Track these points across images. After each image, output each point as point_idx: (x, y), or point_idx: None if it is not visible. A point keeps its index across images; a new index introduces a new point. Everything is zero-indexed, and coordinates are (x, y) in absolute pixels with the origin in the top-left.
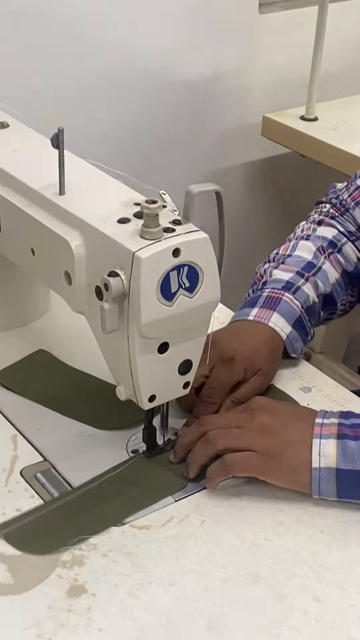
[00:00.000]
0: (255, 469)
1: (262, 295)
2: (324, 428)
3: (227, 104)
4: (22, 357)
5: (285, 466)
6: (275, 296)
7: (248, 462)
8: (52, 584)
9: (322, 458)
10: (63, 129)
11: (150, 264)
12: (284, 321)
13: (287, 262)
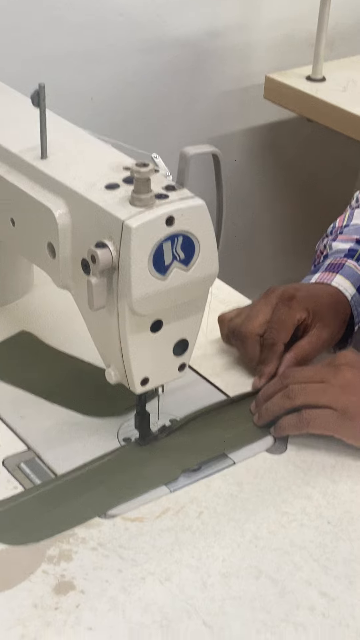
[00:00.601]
0: (333, 428)
1: (323, 264)
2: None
3: (227, 63)
4: (3, 340)
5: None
6: (338, 263)
7: (326, 420)
8: (37, 580)
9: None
10: (44, 85)
11: (141, 234)
12: (349, 283)
13: (345, 231)
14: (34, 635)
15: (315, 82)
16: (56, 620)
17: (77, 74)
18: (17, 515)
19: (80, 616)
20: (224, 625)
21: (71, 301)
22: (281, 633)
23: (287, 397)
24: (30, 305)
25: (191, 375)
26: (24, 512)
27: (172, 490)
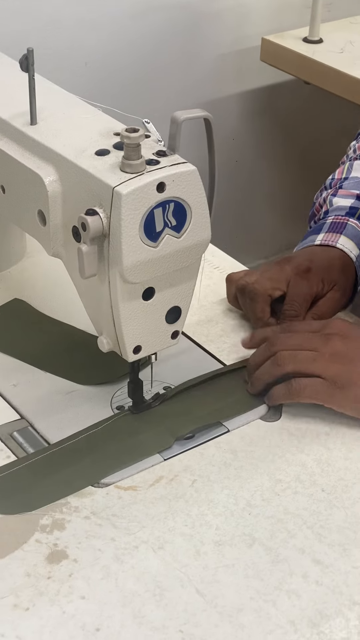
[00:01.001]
0: (322, 397)
1: (326, 222)
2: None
3: (222, 25)
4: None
5: (355, 396)
6: (340, 222)
7: (315, 389)
8: (30, 549)
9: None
10: (32, 50)
11: (132, 200)
12: (353, 244)
13: (345, 185)
14: (27, 605)
15: (312, 44)
16: (49, 589)
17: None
18: (10, 484)
19: (73, 585)
20: (217, 594)
21: (64, 269)
22: (274, 601)
23: (277, 364)
24: (24, 273)
25: (185, 342)
26: (17, 482)
27: (166, 458)
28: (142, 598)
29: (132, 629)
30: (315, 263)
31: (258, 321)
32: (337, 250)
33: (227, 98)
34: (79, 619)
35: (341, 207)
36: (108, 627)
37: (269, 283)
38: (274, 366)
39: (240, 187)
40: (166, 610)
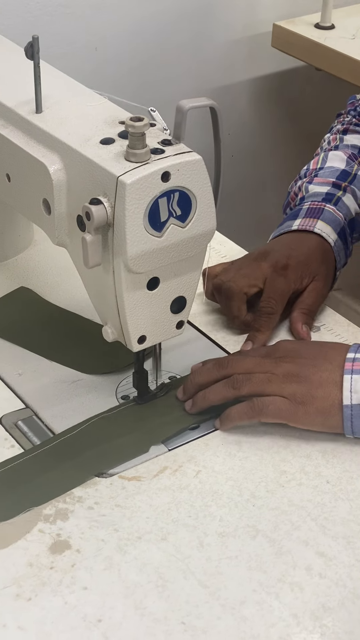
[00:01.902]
0: (285, 414)
1: (302, 207)
2: (356, 363)
3: (233, 10)
4: (2, 296)
5: (316, 409)
6: (317, 207)
7: (278, 407)
8: (33, 539)
9: (354, 394)
10: (38, 37)
11: (137, 190)
12: (330, 229)
13: (320, 174)
14: (29, 595)
15: (324, 30)
16: (51, 579)
17: (81, 24)
18: (15, 477)
19: (76, 575)
20: (220, 586)
21: (70, 258)
22: (277, 593)
23: (232, 386)
24: (30, 261)
25: (191, 331)
26: (22, 475)
27: (170, 448)
28: (145, 589)
29: (134, 620)
30: (293, 258)
31: (235, 319)
32: (314, 236)
33: (237, 84)
34: (81, 610)
35: (317, 194)
36: (110, 618)
37: (244, 281)
38: (228, 389)
39: (250, 175)
40: (168, 602)
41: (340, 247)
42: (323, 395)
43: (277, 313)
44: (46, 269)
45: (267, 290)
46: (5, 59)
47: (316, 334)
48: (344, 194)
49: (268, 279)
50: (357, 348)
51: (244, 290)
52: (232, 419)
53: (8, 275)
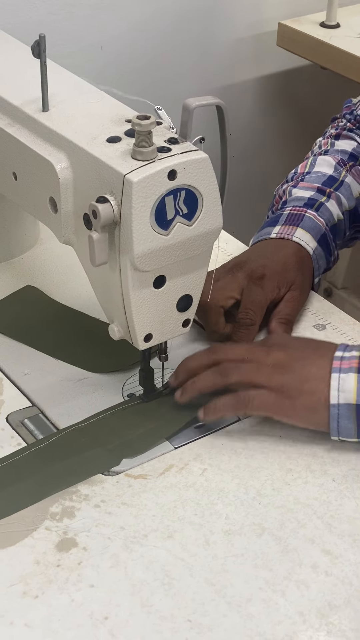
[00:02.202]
0: (271, 408)
1: (283, 213)
2: (344, 362)
3: (238, 9)
4: (8, 294)
5: (302, 404)
6: (298, 213)
7: (264, 400)
8: (39, 537)
9: (342, 394)
10: (44, 36)
11: (143, 188)
12: (310, 236)
13: (307, 179)
14: (36, 592)
15: (330, 29)
16: (58, 577)
17: (87, 22)
18: (21, 471)
19: (82, 573)
20: (226, 583)
21: (76, 256)
22: (283, 591)
23: (220, 374)
24: (36, 260)
25: (197, 330)
26: (28, 469)
27: (176, 447)
28: (151, 587)
29: (140, 617)
30: (269, 268)
31: (213, 333)
32: (292, 244)
33: (242, 83)
34: (88, 607)
35: (300, 198)
36: (116, 616)
37: (220, 293)
38: (217, 376)
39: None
40: (174, 600)
41: (321, 254)
42: (310, 390)
43: (256, 324)
44: (52, 267)
45: (245, 302)
46: (12, 57)
47: (322, 332)
48: (328, 199)
49: (245, 290)
50: (345, 347)
51: (220, 304)
52: (217, 411)
53: (14, 274)
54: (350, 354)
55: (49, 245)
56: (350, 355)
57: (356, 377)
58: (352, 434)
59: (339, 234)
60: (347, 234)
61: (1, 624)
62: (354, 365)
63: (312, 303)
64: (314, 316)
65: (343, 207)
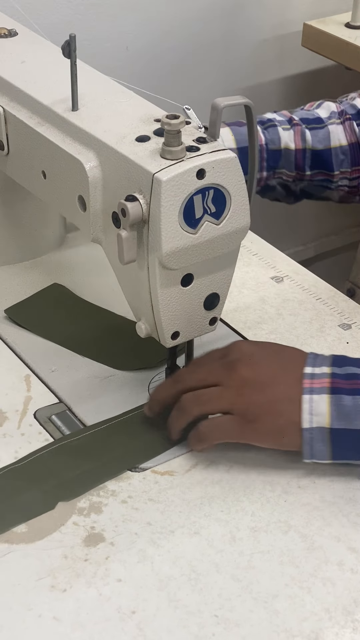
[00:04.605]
0: (233, 435)
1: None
2: (315, 380)
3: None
4: (36, 292)
5: (268, 429)
6: (240, 122)
7: (224, 429)
8: (67, 532)
9: (314, 417)
10: (75, 36)
11: (172, 187)
12: (232, 137)
13: (294, 111)
14: (64, 586)
15: (355, 29)
16: (86, 571)
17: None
18: (49, 468)
19: (110, 568)
20: (252, 580)
21: (104, 254)
22: (309, 588)
23: (182, 410)
24: (63, 258)
25: (223, 328)
26: (56, 465)
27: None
28: (178, 582)
29: (167, 612)
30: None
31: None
32: None
33: (267, 83)
34: (115, 602)
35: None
36: (144, 610)
37: None
38: (181, 413)
39: None
40: (201, 595)
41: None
42: (278, 411)
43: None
44: (79, 265)
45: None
46: (41, 57)
47: (347, 332)
48: (288, 128)
49: None
50: (314, 359)
51: None
52: (193, 447)
53: (41, 272)
54: (321, 370)
55: (76, 243)
56: (321, 372)
57: (328, 399)
58: (326, 457)
59: (286, 164)
60: (306, 174)
61: (30, 617)
62: (325, 385)
63: (337, 303)
64: (340, 315)
65: (305, 144)
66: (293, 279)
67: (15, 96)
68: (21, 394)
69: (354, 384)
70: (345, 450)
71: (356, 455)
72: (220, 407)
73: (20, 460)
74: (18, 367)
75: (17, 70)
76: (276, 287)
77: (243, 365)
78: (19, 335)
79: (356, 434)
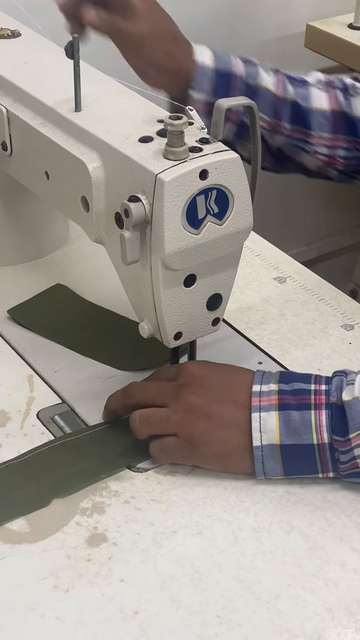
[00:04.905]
0: (179, 457)
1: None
2: (263, 398)
3: (266, 11)
4: (38, 292)
5: (213, 453)
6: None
7: (170, 452)
8: (70, 532)
9: (264, 435)
10: (78, 37)
11: (175, 188)
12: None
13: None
14: (67, 586)
15: (358, 30)
16: (88, 571)
17: None
18: (48, 464)
19: (113, 568)
20: (255, 580)
21: (107, 254)
22: (312, 588)
23: (132, 429)
24: (66, 258)
25: (225, 329)
26: (54, 462)
27: None
28: (180, 582)
29: (169, 612)
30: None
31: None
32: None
33: None
34: (118, 602)
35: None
36: (146, 610)
37: None
38: (133, 429)
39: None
40: (204, 595)
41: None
42: (223, 438)
43: None
44: (82, 266)
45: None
46: (44, 58)
47: (350, 332)
48: (270, 73)
49: None
50: (261, 377)
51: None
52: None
53: (44, 272)
54: (268, 388)
55: (79, 244)
56: (269, 389)
57: (277, 415)
58: (277, 473)
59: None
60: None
61: (33, 617)
62: (273, 403)
63: (340, 303)
64: (342, 316)
65: (286, 94)
66: (296, 280)
67: (19, 97)
68: (24, 394)
69: (300, 400)
70: (296, 466)
71: (307, 469)
72: (167, 430)
73: (20, 457)
74: (21, 368)
75: (20, 70)
76: (279, 287)
77: (190, 391)
78: (21, 336)
79: (306, 449)
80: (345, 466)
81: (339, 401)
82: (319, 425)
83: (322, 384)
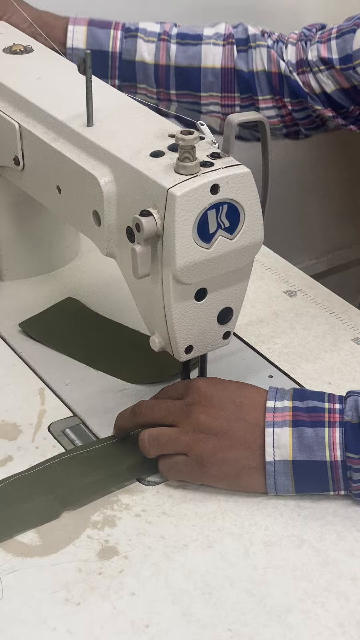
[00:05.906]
0: (185, 476)
1: None
2: (277, 413)
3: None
4: (50, 306)
5: (223, 473)
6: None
7: (178, 470)
8: (81, 545)
9: (277, 450)
10: (90, 53)
11: (186, 202)
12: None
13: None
14: (78, 600)
15: None
16: (100, 584)
17: None
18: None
19: (124, 581)
20: (266, 594)
21: (117, 269)
22: (323, 602)
23: (142, 449)
24: (77, 272)
25: (236, 343)
26: (65, 474)
27: None
28: (191, 596)
29: (181, 626)
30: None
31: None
32: None
33: None
34: (129, 615)
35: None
36: (157, 624)
37: None
38: (142, 449)
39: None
40: (215, 609)
41: None
42: (234, 459)
43: None
44: (93, 279)
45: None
46: (56, 74)
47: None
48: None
49: None
50: (275, 393)
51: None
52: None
53: (55, 286)
54: (283, 404)
55: (90, 257)
56: (283, 405)
57: (290, 431)
58: (289, 490)
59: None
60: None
61: (44, 630)
62: (287, 419)
63: (350, 317)
64: (353, 330)
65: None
66: (306, 293)
67: (31, 112)
68: (35, 408)
69: (314, 417)
70: (307, 483)
71: (318, 487)
72: (176, 450)
73: (31, 469)
74: (32, 381)
75: (32, 86)
76: (289, 301)
77: (199, 410)
78: (33, 349)
79: (318, 466)
80: (357, 485)
81: (354, 419)
82: (332, 442)
83: (335, 403)
